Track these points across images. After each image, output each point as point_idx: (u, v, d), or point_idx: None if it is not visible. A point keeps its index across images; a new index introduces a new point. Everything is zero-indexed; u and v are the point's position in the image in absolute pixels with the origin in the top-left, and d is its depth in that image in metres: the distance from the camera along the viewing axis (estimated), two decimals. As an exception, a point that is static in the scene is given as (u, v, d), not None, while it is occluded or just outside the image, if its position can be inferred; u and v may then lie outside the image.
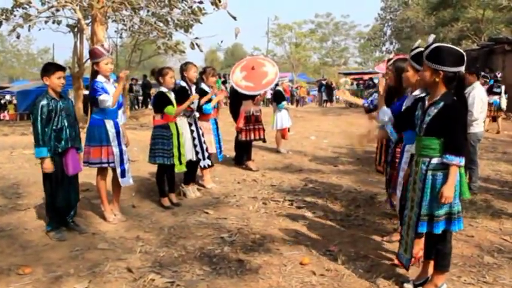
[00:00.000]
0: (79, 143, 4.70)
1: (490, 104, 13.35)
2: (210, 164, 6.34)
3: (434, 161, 3.22)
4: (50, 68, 4.51)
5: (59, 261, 3.95)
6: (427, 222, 3.25)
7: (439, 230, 3.23)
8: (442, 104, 3.17)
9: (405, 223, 3.47)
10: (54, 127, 4.42)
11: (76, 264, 3.90)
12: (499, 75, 13.76)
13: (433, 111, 3.20)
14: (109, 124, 4.88)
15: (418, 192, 3.31)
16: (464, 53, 3.23)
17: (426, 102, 3.33)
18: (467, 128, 5.87)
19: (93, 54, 4.94)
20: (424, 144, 3.28)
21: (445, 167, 3.17)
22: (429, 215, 3.25)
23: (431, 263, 3.44)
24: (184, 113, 5.89)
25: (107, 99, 4.74)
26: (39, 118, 4.33)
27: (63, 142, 4.47)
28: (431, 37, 3.33)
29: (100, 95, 4.75)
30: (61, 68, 4.58)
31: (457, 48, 3.26)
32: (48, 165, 4.41)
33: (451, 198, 3.15)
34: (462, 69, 3.18)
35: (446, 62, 3.13)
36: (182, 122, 5.92)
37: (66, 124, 4.50)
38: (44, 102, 4.37)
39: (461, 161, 3.13)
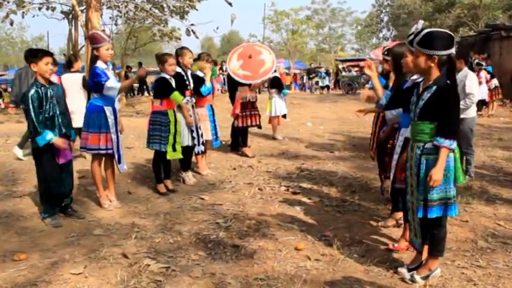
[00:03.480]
0: (70, 130, 4.67)
1: (496, 88, 13.51)
2: (203, 150, 6.33)
3: (428, 145, 3.23)
4: (37, 53, 4.39)
5: (54, 247, 3.95)
6: (423, 207, 3.26)
7: (433, 215, 3.24)
8: (435, 87, 3.17)
9: (409, 208, 3.47)
10: (46, 115, 4.36)
11: (71, 250, 3.90)
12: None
13: (426, 95, 3.21)
14: (108, 111, 4.86)
15: (415, 177, 3.32)
16: (453, 34, 3.24)
17: (421, 88, 3.33)
18: (465, 113, 5.86)
19: (94, 40, 4.86)
20: (418, 129, 3.28)
21: (438, 151, 3.17)
22: (424, 199, 3.26)
23: (426, 247, 3.46)
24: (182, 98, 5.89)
25: (115, 87, 4.70)
26: (31, 108, 4.24)
27: (56, 130, 4.44)
28: (420, 23, 3.33)
29: (106, 80, 4.70)
30: (48, 53, 4.48)
31: (445, 30, 3.28)
32: (59, 142, 4.36)
33: (439, 182, 3.15)
34: (453, 50, 3.18)
35: (439, 46, 3.13)
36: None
37: (57, 111, 4.45)
38: (33, 91, 4.27)
39: (452, 144, 3.12)
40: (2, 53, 56.32)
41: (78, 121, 6.22)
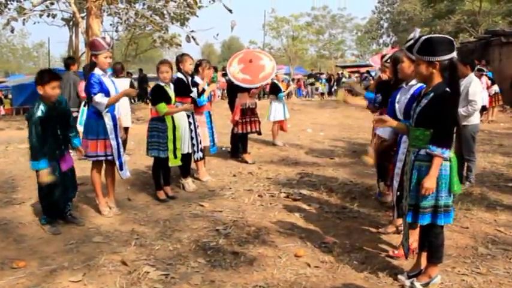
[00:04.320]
0: (72, 142, 4.66)
1: (496, 94, 13.51)
2: (201, 156, 6.33)
3: (421, 152, 3.23)
4: (44, 77, 4.31)
5: (53, 255, 3.94)
6: (413, 212, 3.26)
7: (424, 221, 3.23)
8: (432, 94, 3.17)
9: (403, 213, 3.48)
10: (50, 133, 4.38)
11: (70, 257, 3.89)
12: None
13: (424, 102, 3.21)
14: (107, 117, 4.86)
15: (408, 182, 3.33)
16: (452, 39, 3.24)
17: (421, 94, 3.34)
18: (468, 120, 5.84)
19: (93, 46, 4.89)
20: (414, 135, 3.28)
21: (430, 159, 3.15)
22: (415, 205, 3.25)
23: (425, 254, 3.44)
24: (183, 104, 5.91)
25: (102, 103, 4.71)
26: (33, 131, 4.21)
27: (62, 148, 4.49)
28: (417, 31, 3.32)
29: (95, 94, 4.71)
30: (56, 78, 4.39)
31: (444, 35, 3.27)
32: (44, 177, 4.26)
33: (431, 190, 3.13)
34: (454, 54, 3.17)
35: (439, 52, 3.12)
36: (180, 114, 5.91)
37: (61, 130, 4.49)
38: (38, 113, 4.23)
39: (444, 152, 3.11)
40: (3, 60, 56.54)
41: (126, 121, 7.53)
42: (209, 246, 4.13)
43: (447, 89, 3.13)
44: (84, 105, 7.59)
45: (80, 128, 7.73)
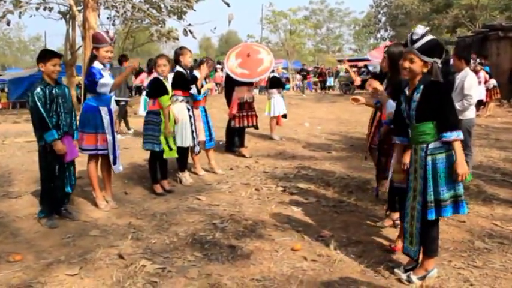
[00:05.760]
0: (74, 129, 4.67)
1: (495, 87, 13.52)
2: (199, 150, 6.33)
3: (432, 145, 3.21)
4: (46, 55, 4.46)
5: (50, 249, 3.94)
6: (435, 208, 3.22)
7: (447, 214, 3.22)
8: (422, 87, 3.21)
9: (408, 214, 3.41)
10: (51, 114, 4.39)
11: (67, 251, 3.89)
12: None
13: (416, 96, 3.23)
14: (103, 111, 4.85)
15: (420, 180, 3.27)
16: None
17: (407, 92, 3.34)
18: (463, 114, 5.83)
19: (95, 39, 4.92)
20: (419, 131, 3.26)
21: (444, 149, 3.16)
22: (436, 200, 3.21)
23: (421, 248, 3.44)
24: (183, 98, 5.93)
25: (107, 84, 4.74)
26: (39, 104, 4.30)
27: (61, 129, 4.46)
28: (422, 28, 3.29)
29: (100, 78, 4.73)
30: (57, 55, 4.53)
31: (439, 39, 3.36)
32: (60, 146, 4.41)
33: (466, 174, 3.11)
34: None
35: (437, 54, 3.22)
36: (181, 108, 5.91)
37: (62, 110, 4.47)
38: (38, 89, 4.33)
39: (460, 134, 3.11)
40: (-1, 53, 56.29)
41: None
42: (206, 239, 4.13)
43: (432, 79, 3.23)
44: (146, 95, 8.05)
45: (144, 113, 7.85)
